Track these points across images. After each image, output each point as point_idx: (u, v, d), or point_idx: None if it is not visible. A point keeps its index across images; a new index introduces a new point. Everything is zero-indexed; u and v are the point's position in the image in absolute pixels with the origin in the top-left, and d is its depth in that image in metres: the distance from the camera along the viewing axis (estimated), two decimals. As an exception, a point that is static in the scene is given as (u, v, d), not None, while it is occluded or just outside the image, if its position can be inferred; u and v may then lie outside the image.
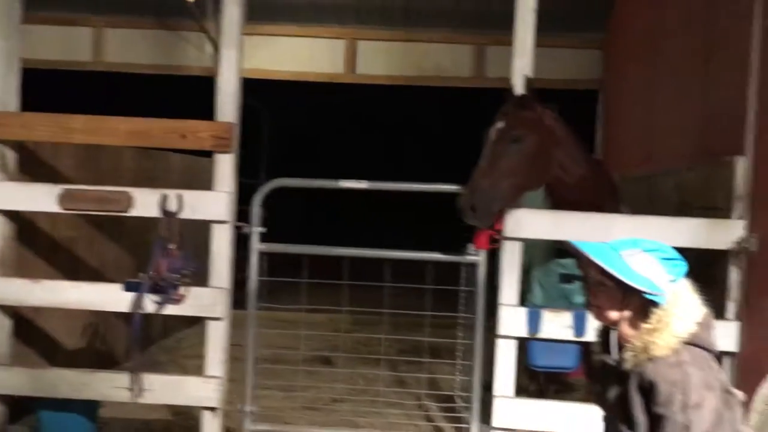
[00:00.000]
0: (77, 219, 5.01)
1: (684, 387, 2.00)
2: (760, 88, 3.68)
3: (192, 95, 8.85)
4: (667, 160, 5.20)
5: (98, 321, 5.40)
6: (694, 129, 4.81)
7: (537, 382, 4.86)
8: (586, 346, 4.02)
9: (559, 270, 4.22)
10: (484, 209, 3.58)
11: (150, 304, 3.96)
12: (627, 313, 2.20)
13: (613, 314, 2.22)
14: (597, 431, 3.67)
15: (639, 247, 2.20)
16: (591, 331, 3.74)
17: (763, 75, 3.65)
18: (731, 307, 3.73)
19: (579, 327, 3.82)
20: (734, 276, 3.73)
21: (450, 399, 4.52)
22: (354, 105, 10.64)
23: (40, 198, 4.03)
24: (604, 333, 2.33)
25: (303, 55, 7.81)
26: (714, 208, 4.03)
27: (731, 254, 3.73)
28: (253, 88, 8.85)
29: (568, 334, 3.84)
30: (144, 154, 6.14)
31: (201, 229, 4.11)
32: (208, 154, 7.56)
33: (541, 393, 4.89)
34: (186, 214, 4.00)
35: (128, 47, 7.84)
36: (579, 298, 4.18)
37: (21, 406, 4.34)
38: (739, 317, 3.69)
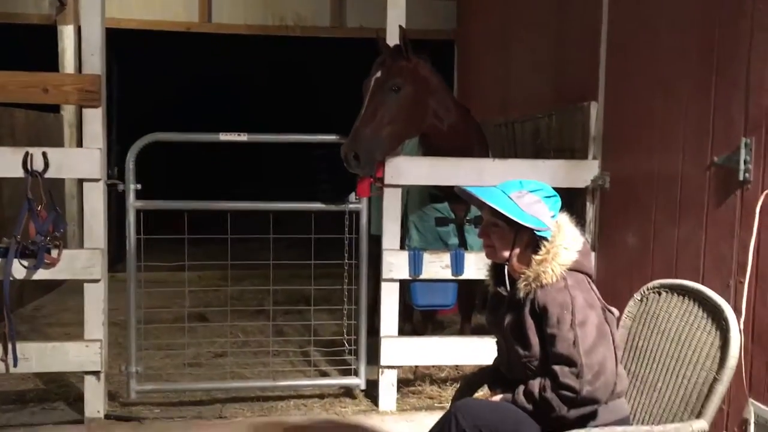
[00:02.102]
0: None
1: (571, 308, 2.25)
2: (609, 39, 4.03)
3: (28, 46, 8.20)
4: (524, 107, 5.55)
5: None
6: (549, 78, 5.17)
7: (410, 322, 5.12)
8: (462, 283, 4.31)
9: (435, 214, 4.44)
10: (366, 158, 3.69)
11: (19, 269, 3.75)
12: (518, 250, 2.41)
13: (505, 252, 2.42)
14: (472, 360, 3.97)
15: (525, 188, 2.41)
16: (467, 270, 4.04)
17: (612, 27, 4.00)
18: (588, 239, 4.13)
19: (456, 266, 4.07)
20: (590, 211, 4.13)
21: (335, 344, 4.67)
22: (211, 56, 10.28)
23: None
24: (495, 268, 2.54)
25: (155, 2, 7.45)
26: (571, 150, 4.40)
27: (587, 191, 4.12)
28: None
29: (447, 274, 4.09)
30: (-14, 110, 5.66)
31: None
32: (52, 109, 7.17)
33: (414, 332, 5.16)
34: (52, 173, 3.79)
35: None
36: (453, 240, 4.44)
37: None
38: (594, 248, 4.10)
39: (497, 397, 2.41)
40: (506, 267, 2.44)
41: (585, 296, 2.30)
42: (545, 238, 2.35)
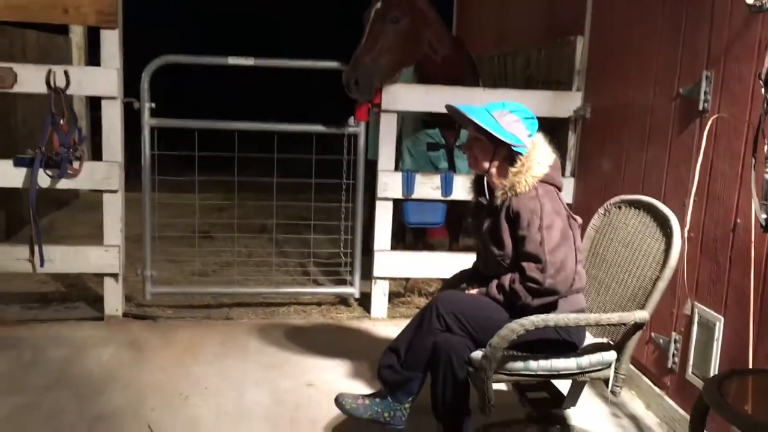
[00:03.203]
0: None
1: (540, 213, 2.60)
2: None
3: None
4: (517, 41, 5.80)
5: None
6: (541, 13, 5.41)
7: (403, 242, 5.49)
8: (450, 205, 4.66)
9: (426, 139, 4.75)
10: (366, 84, 3.99)
11: (44, 178, 4.08)
12: (497, 162, 2.75)
13: (486, 163, 2.76)
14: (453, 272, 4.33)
15: (506, 108, 2.73)
16: (455, 191, 4.38)
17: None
18: (569, 166, 4.47)
19: (446, 187, 4.42)
20: (572, 139, 4.45)
21: (331, 258, 5.05)
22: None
23: None
24: (477, 181, 2.89)
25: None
26: (557, 82, 4.69)
27: (570, 121, 4.43)
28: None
29: (437, 194, 4.44)
30: (1, 31, 5.87)
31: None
32: (61, 31, 7.33)
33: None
34: (73, 90, 4.08)
35: None
36: (443, 164, 4.77)
37: None
38: (574, 173, 4.44)
39: (473, 291, 2.79)
40: (486, 178, 2.78)
41: (553, 204, 2.65)
42: (521, 153, 2.69)
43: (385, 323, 4.48)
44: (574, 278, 2.62)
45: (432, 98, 4.29)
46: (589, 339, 2.78)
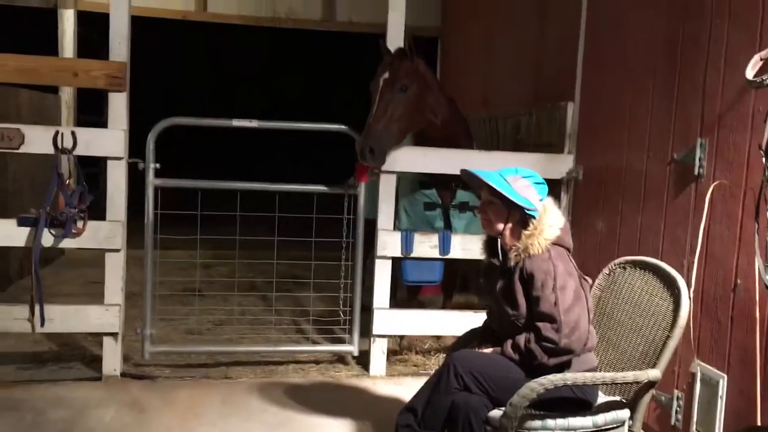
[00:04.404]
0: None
1: (553, 274, 2.70)
2: (586, 42, 4.50)
3: (26, 29, 8.42)
4: (506, 104, 6.02)
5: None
6: (529, 78, 5.64)
7: (394, 300, 5.55)
8: (445, 263, 4.76)
9: (423, 199, 4.88)
10: (380, 151, 4.14)
11: (48, 238, 4.09)
12: (510, 225, 2.86)
13: (500, 226, 2.88)
14: (455, 331, 4.40)
15: (519, 174, 2.86)
16: (452, 250, 4.49)
17: (589, 30, 4.47)
18: (563, 225, 4.61)
19: (443, 246, 4.52)
20: (564, 200, 4.60)
21: (326, 316, 5.09)
22: (206, 45, 10.63)
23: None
24: (490, 241, 3.00)
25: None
26: (548, 144, 4.87)
27: (562, 182, 4.59)
28: (100, 24, 8.58)
29: (435, 253, 4.53)
30: (-4, 90, 5.93)
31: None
32: (51, 90, 7.40)
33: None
34: (80, 150, 4.13)
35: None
36: (439, 223, 4.88)
37: None
38: (567, 233, 4.58)
39: (488, 350, 2.87)
40: (499, 240, 2.89)
41: (565, 266, 2.76)
42: (533, 217, 2.81)
43: (384, 381, 4.50)
44: (587, 337, 2.71)
45: (430, 160, 4.43)
46: (601, 397, 2.85)
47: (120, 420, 3.75)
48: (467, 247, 4.45)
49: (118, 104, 4.19)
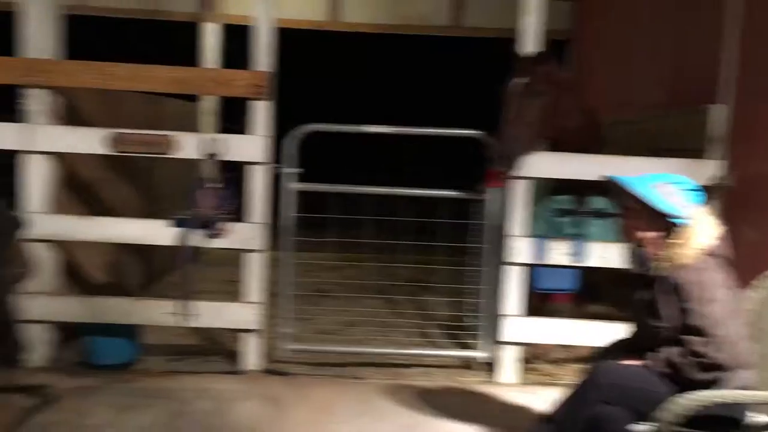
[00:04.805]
0: (101, 161, 5.28)
1: (704, 286, 2.58)
2: (742, 44, 4.24)
3: (169, 41, 8.99)
4: (639, 107, 5.80)
5: (119, 258, 5.72)
6: (667, 81, 5.41)
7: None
8: (579, 271, 4.64)
9: (556, 205, 4.78)
10: (515, 156, 4.11)
11: (195, 238, 4.35)
12: (654, 233, 2.76)
13: (642, 234, 2.78)
14: (588, 341, 4.28)
15: (666, 180, 2.76)
16: (587, 257, 4.38)
17: (743, 26, 4.21)
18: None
19: (577, 254, 4.41)
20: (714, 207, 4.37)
21: (453, 321, 5.10)
22: (337, 53, 11.01)
23: (91, 140, 4.33)
24: (635, 251, 2.90)
25: (286, 2, 8.03)
26: (688, 149, 4.64)
27: (709, 189, 4.35)
28: (237, 36, 9.02)
29: (568, 260, 4.44)
30: (147, 99, 6.36)
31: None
32: (192, 99, 7.84)
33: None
34: (225, 156, 4.37)
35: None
36: (572, 230, 4.77)
37: (69, 332, 4.70)
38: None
39: (632, 362, 2.77)
40: (644, 249, 2.79)
41: (717, 277, 2.63)
42: (682, 225, 2.69)
43: (514, 389, 4.45)
44: (740, 353, 2.57)
45: (565, 166, 4.35)
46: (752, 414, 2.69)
47: (260, 413, 3.92)
48: (604, 255, 4.33)
49: (260, 112, 4.39)
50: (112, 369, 4.45)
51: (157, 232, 4.40)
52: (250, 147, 4.39)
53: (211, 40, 7.94)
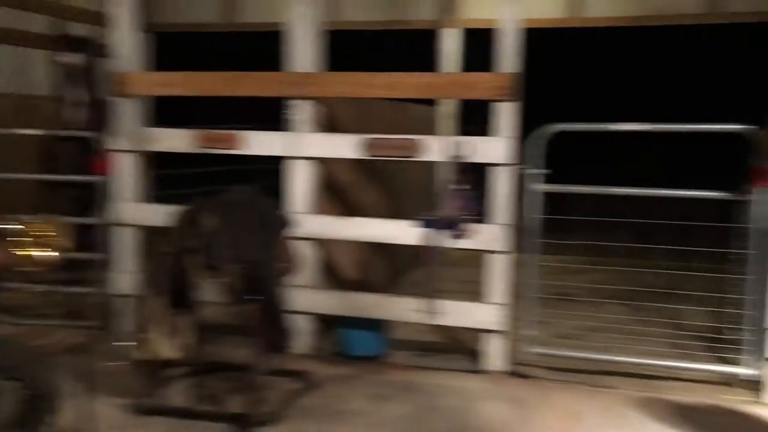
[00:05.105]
0: (354, 165, 5.64)
1: None
2: None
3: (409, 49, 9.35)
4: None
5: (366, 256, 6.07)
6: None
7: None
8: None
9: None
10: None
11: (441, 238, 4.48)
12: None
13: None
14: None
15: None
16: None
17: None
18: None
19: None
20: None
21: (704, 332, 4.70)
22: (576, 49, 10.74)
23: (347, 146, 4.65)
24: None
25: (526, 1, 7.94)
26: None
27: None
28: (477, 39, 9.14)
29: None
30: (393, 105, 6.67)
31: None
32: (429, 103, 8.05)
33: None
34: (470, 158, 4.44)
35: (364, 4, 8.35)
36: None
37: (326, 323, 5.08)
38: None
39: None
40: None
41: None
42: None
43: (786, 412, 3.99)
44: None
45: None
46: None
47: (504, 413, 3.94)
48: None
49: (505, 113, 4.39)
50: (365, 360, 4.73)
51: (405, 233, 4.60)
52: (495, 149, 4.41)
53: (450, 45, 8.12)
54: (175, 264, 3.69)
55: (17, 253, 2.83)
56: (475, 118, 9.86)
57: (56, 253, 2.94)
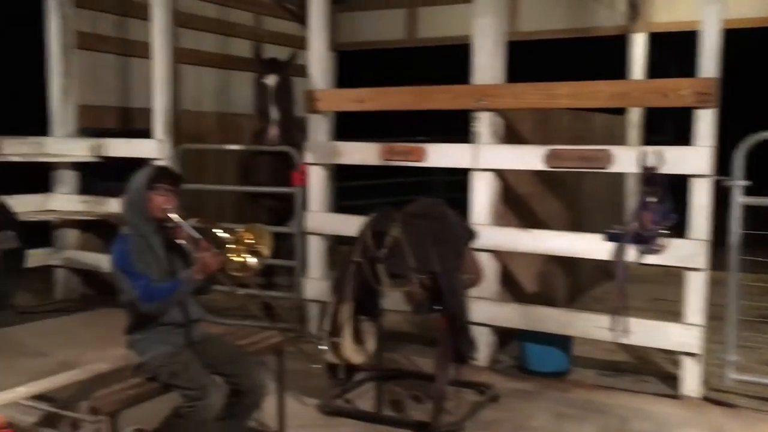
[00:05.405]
0: (533, 177, 5.55)
1: None
2: None
3: (595, 56, 9.04)
4: None
5: (547, 269, 5.93)
6: None
7: None
8: None
9: None
10: None
11: (631, 253, 4.26)
12: None
13: None
14: None
15: None
16: None
17: None
18: None
19: None
20: None
21: None
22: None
23: (529, 157, 4.59)
24: None
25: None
26: None
27: None
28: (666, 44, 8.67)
29: None
30: (577, 115, 6.48)
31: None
32: (617, 112, 7.72)
33: None
34: (666, 169, 4.19)
35: (542, 14, 8.22)
36: None
37: (504, 336, 5.03)
38: None
39: None
40: None
41: None
42: None
43: None
44: None
45: None
46: None
47: (702, 443, 3.66)
48: None
49: (705, 121, 4.11)
50: (546, 376, 4.61)
51: (590, 246, 4.44)
52: (692, 159, 4.14)
53: (638, 50, 7.77)
54: (361, 272, 3.82)
55: (229, 258, 3.08)
56: (662, 127, 9.39)
57: (260, 259, 3.16)
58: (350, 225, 5.03)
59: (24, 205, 6.31)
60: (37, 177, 6.83)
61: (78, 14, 6.73)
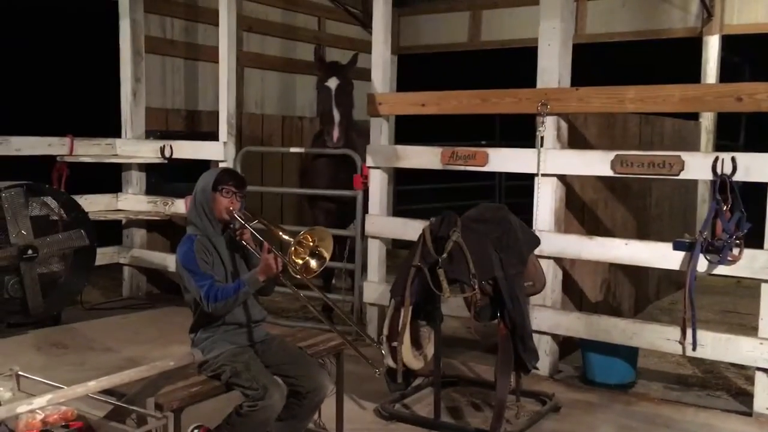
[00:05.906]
0: (598, 183, 5.41)
1: None
2: None
3: (667, 59, 8.79)
4: None
5: (611, 278, 5.78)
6: None
7: None
8: None
9: None
10: None
11: (702, 263, 4.10)
12: None
13: None
14: None
15: None
16: None
17: None
18: None
19: None
20: None
21: None
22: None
23: (595, 163, 4.47)
24: None
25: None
26: None
27: None
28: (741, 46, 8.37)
29: None
30: (644, 120, 6.30)
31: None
32: (692, 116, 7.46)
33: None
34: (740, 176, 4.02)
35: (609, 16, 8.04)
36: None
37: (566, 346, 4.92)
38: None
39: None
40: None
41: None
42: None
43: None
44: None
45: None
46: None
47: (776, 464, 3.49)
48: None
49: (784, 126, 3.93)
50: (609, 388, 4.48)
51: (659, 255, 4.29)
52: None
53: (711, 53, 7.50)
54: (421, 277, 3.78)
55: (291, 259, 3.10)
56: (735, 133, 9.06)
57: (321, 262, 3.17)
58: (410, 229, 5.02)
59: (94, 204, 6.55)
60: (107, 177, 7.07)
61: (148, 19, 6.94)
